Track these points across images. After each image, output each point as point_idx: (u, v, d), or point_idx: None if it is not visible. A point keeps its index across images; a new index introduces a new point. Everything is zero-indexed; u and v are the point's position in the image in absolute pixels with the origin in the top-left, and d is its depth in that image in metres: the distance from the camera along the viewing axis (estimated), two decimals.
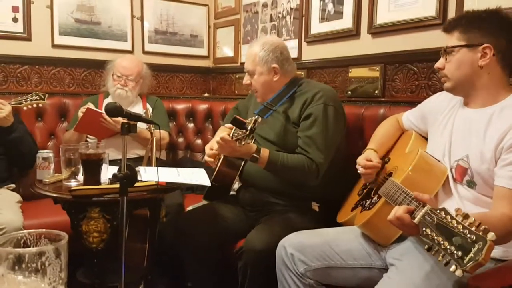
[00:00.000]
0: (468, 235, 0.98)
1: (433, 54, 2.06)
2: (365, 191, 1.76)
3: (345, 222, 1.77)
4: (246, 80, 2.10)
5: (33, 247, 0.68)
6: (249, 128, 1.64)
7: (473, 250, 0.96)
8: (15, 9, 2.84)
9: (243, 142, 1.66)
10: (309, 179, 1.90)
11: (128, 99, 2.69)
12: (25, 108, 2.36)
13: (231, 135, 1.76)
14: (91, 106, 2.49)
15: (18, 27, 2.87)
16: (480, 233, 0.97)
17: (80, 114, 2.44)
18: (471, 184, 1.39)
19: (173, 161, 3.07)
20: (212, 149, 2.04)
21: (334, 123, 1.93)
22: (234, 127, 1.81)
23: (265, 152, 1.85)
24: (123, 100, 2.64)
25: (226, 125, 2.05)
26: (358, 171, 1.71)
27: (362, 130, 2.17)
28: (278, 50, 2.03)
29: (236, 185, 2.13)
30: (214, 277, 2.03)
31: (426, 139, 1.68)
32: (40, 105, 2.41)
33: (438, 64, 1.50)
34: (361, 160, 1.70)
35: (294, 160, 1.88)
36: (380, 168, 1.73)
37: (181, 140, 3.23)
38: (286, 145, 1.95)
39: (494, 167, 1.33)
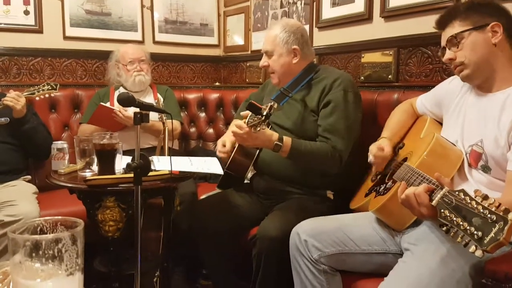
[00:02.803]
0: (489, 215, 0.97)
1: None
2: (379, 177, 1.74)
3: (358, 208, 1.76)
4: (263, 62, 2.06)
5: (49, 234, 0.68)
6: (264, 113, 1.62)
7: (494, 230, 0.95)
8: (26, 1, 2.86)
9: (258, 128, 1.64)
10: (331, 167, 1.87)
11: (147, 83, 2.72)
12: (37, 98, 2.38)
13: (246, 121, 1.74)
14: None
15: (30, 20, 2.89)
16: (501, 213, 0.96)
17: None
18: (485, 169, 1.37)
19: (185, 151, 3.09)
20: (224, 145, 2.03)
21: (354, 109, 1.91)
22: (249, 115, 1.80)
23: (287, 141, 1.82)
24: (143, 86, 2.68)
25: (241, 113, 2.03)
26: (368, 159, 1.70)
27: (376, 116, 2.14)
28: (299, 32, 2.01)
29: (249, 174, 2.13)
30: (228, 264, 2.04)
31: (441, 123, 1.66)
32: (53, 95, 2.43)
33: (448, 56, 1.45)
34: (373, 148, 1.68)
35: (317, 148, 1.85)
36: (394, 154, 1.72)
37: (193, 129, 3.24)
38: (303, 133, 1.93)
39: (508, 151, 1.31)
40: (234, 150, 2.03)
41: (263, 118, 1.62)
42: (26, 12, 2.87)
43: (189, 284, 2.42)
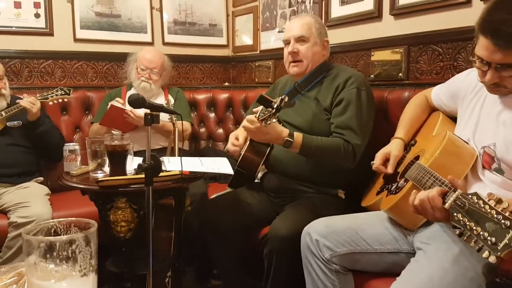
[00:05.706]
0: (502, 221, 0.96)
1: (458, 34, 2.01)
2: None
3: (370, 206, 1.75)
4: (293, 47, 2.01)
5: (63, 235, 0.69)
6: (275, 106, 1.61)
7: (508, 236, 0.94)
8: (36, 4, 2.89)
9: (269, 122, 1.64)
10: (345, 162, 1.86)
11: (151, 92, 2.72)
12: (51, 103, 2.42)
13: (257, 116, 1.74)
14: (120, 101, 2.52)
15: (41, 23, 2.92)
16: None
17: (115, 103, 2.49)
18: (499, 171, 1.35)
19: (195, 151, 3.10)
20: (237, 139, 2.03)
21: (367, 107, 1.91)
22: (260, 109, 1.79)
23: (298, 136, 1.81)
24: (147, 93, 2.67)
25: (254, 109, 2.02)
26: (373, 166, 1.72)
27: (387, 114, 2.13)
28: (324, 27, 2.08)
29: (260, 174, 2.13)
30: (239, 264, 2.05)
31: (453, 120, 1.64)
32: (66, 99, 2.47)
33: (494, 80, 1.28)
34: (378, 159, 1.71)
35: (329, 143, 1.84)
36: (406, 151, 1.70)
37: (202, 130, 3.25)
38: (314, 131, 1.92)
39: None
40: (245, 148, 2.02)
41: (274, 110, 1.61)
42: (37, 15, 2.90)
43: (200, 283, 2.43)
